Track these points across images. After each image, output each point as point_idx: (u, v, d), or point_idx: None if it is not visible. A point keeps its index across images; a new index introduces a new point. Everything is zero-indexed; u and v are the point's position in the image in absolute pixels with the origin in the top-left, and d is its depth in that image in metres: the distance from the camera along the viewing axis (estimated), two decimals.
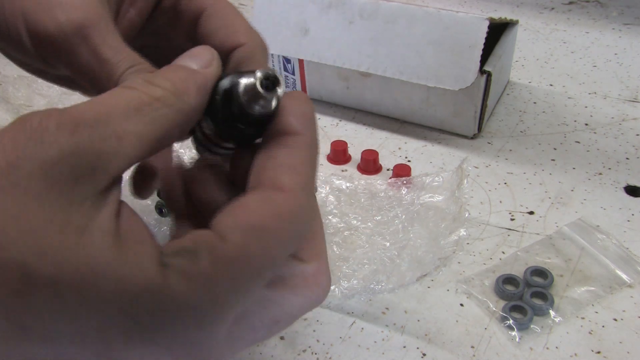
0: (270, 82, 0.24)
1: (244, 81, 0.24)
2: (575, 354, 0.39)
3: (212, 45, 0.29)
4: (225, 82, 0.24)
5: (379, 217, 0.48)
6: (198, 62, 0.24)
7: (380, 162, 0.56)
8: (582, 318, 0.41)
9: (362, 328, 0.41)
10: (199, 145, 0.27)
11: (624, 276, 0.44)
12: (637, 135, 0.59)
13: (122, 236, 0.20)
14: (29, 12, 0.26)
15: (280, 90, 0.24)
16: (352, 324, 0.41)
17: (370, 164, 0.55)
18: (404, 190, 0.51)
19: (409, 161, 0.57)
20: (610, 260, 0.45)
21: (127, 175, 0.56)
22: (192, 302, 0.20)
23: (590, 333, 0.40)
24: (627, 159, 0.56)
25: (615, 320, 0.41)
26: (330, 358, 0.39)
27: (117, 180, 0.21)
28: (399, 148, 0.59)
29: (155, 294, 0.19)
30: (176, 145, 0.41)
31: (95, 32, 0.26)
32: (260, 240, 0.21)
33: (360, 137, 0.61)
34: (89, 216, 0.19)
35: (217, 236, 0.21)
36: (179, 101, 0.22)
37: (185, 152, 0.52)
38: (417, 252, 0.45)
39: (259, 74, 0.23)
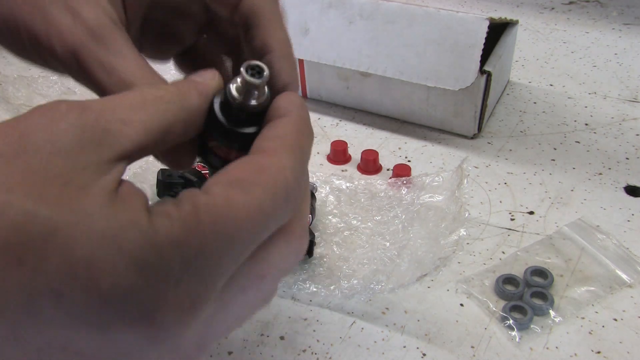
0: (256, 70, 0.25)
1: (233, 83, 0.25)
2: (575, 354, 0.39)
3: (217, 1, 0.30)
4: (222, 91, 0.26)
5: (379, 217, 0.48)
6: (200, 77, 0.26)
7: (380, 162, 0.56)
8: (582, 318, 0.41)
9: (362, 328, 0.41)
10: (211, 168, 0.28)
11: (624, 276, 0.44)
12: (637, 135, 0.59)
13: (119, 195, 0.21)
14: (31, 30, 0.28)
15: (266, 73, 0.25)
16: (352, 324, 0.41)
17: (370, 164, 0.55)
18: (404, 190, 0.51)
19: (409, 161, 0.57)
20: (610, 260, 0.45)
21: (127, 176, 0.56)
22: (177, 240, 0.20)
23: (590, 333, 0.40)
24: (627, 159, 0.56)
25: (615, 320, 0.41)
26: (330, 358, 0.39)
27: (122, 158, 0.22)
28: (399, 148, 0.59)
29: (142, 234, 0.20)
30: None
31: (89, 56, 0.27)
32: (242, 190, 0.22)
33: (360, 137, 0.61)
34: (91, 178, 0.20)
35: (200, 191, 0.22)
36: (181, 100, 0.24)
37: None
38: (417, 252, 0.45)
39: (243, 67, 0.25)
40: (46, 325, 0.20)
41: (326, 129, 0.62)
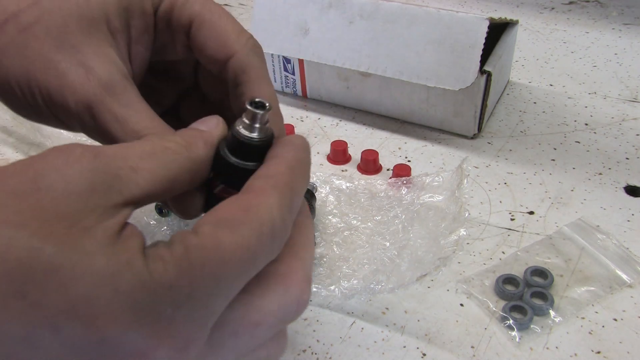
0: (259, 104, 0.27)
1: (239, 120, 0.27)
2: (575, 354, 0.39)
3: (205, 56, 0.31)
4: (226, 137, 0.28)
5: (379, 217, 0.48)
6: (205, 126, 0.28)
7: (380, 162, 0.56)
8: (582, 318, 0.41)
9: (362, 328, 0.41)
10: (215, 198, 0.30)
11: (624, 276, 0.44)
12: (637, 135, 0.59)
13: (119, 237, 0.22)
14: (44, 86, 0.29)
15: (268, 105, 0.27)
16: (352, 324, 0.41)
17: (370, 164, 0.55)
18: (404, 190, 0.51)
19: (409, 161, 0.57)
20: (610, 260, 0.45)
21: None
22: (169, 282, 0.21)
23: (590, 333, 0.40)
24: (627, 159, 0.56)
25: (615, 320, 0.41)
26: (330, 358, 0.39)
27: (129, 203, 0.23)
28: (399, 148, 0.59)
29: (138, 276, 0.21)
30: None
31: (103, 110, 0.28)
32: (230, 230, 0.23)
33: (360, 137, 0.61)
34: (97, 220, 0.21)
35: (191, 231, 0.23)
36: (188, 151, 0.26)
37: None
38: (417, 252, 0.45)
39: (247, 102, 0.27)
40: (43, 357, 0.21)
41: (326, 129, 0.62)
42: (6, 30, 0.29)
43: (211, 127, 0.28)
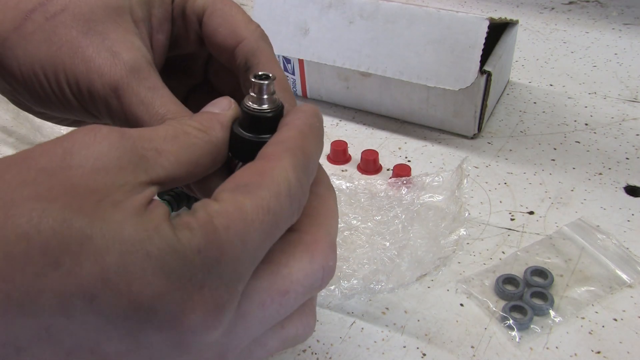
0: (263, 76, 0.27)
1: (247, 95, 0.28)
2: (575, 354, 0.39)
3: (216, 44, 0.33)
4: (239, 116, 0.28)
5: (379, 217, 0.48)
6: (218, 107, 0.28)
7: (380, 162, 0.56)
8: (582, 318, 0.41)
9: (362, 328, 0.41)
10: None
11: (624, 276, 0.44)
12: (637, 135, 0.59)
13: (148, 207, 0.22)
14: (70, 71, 0.30)
15: (272, 75, 0.27)
16: (352, 324, 0.41)
17: (370, 164, 0.55)
18: (404, 190, 0.51)
19: (409, 161, 0.57)
20: (610, 260, 0.45)
21: None
22: (198, 247, 0.22)
23: (590, 333, 0.40)
24: (627, 159, 0.56)
25: (615, 320, 0.41)
26: (330, 358, 0.39)
27: (154, 183, 0.24)
28: (399, 148, 0.59)
29: (167, 241, 0.21)
30: None
31: (128, 92, 0.29)
32: (248, 193, 0.23)
33: (360, 137, 0.61)
34: (125, 196, 0.22)
35: (211, 199, 0.24)
36: (206, 135, 0.26)
37: None
38: (417, 252, 0.45)
39: (252, 75, 0.27)
40: (78, 327, 0.21)
41: (326, 129, 0.62)
42: (33, 18, 0.30)
43: (224, 108, 0.28)
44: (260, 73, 0.28)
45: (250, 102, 0.27)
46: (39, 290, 0.20)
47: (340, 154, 0.57)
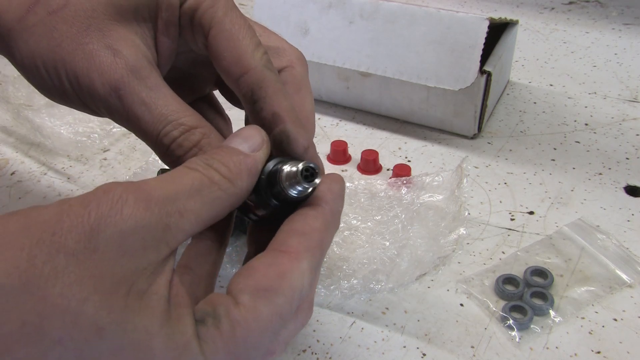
0: (310, 173, 0.27)
1: (287, 169, 0.27)
2: (575, 354, 0.39)
3: (221, 67, 0.31)
4: (270, 165, 0.28)
5: (379, 217, 0.48)
6: (249, 145, 0.28)
7: (380, 162, 0.56)
8: (582, 318, 0.41)
9: (362, 328, 0.41)
10: (239, 210, 0.31)
11: (624, 276, 0.44)
12: (637, 135, 0.59)
13: (171, 301, 0.24)
14: (70, 67, 0.29)
15: (317, 180, 0.27)
16: (352, 324, 0.41)
17: (370, 164, 0.55)
18: (403, 190, 0.51)
19: (409, 161, 0.57)
20: (610, 260, 0.45)
21: (128, 177, 0.55)
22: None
23: (590, 333, 0.40)
24: (627, 159, 0.56)
25: (615, 320, 0.41)
26: (330, 358, 0.39)
27: (174, 251, 0.25)
28: (399, 148, 0.59)
29: (192, 354, 0.23)
30: None
31: (129, 92, 0.29)
32: (267, 299, 0.25)
33: (360, 137, 0.61)
34: (149, 282, 0.23)
35: (232, 299, 0.25)
36: (232, 186, 0.26)
37: None
38: (416, 251, 0.45)
39: (301, 166, 0.27)
40: None
41: (326, 129, 0.62)
42: (36, 11, 0.30)
43: (254, 147, 0.28)
44: (309, 166, 0.27)
45: (284, 179, 0.27)
46: None
47: (340, 154, 0.57)
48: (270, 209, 0.29)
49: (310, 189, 0.28)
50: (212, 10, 0.31)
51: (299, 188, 0.27)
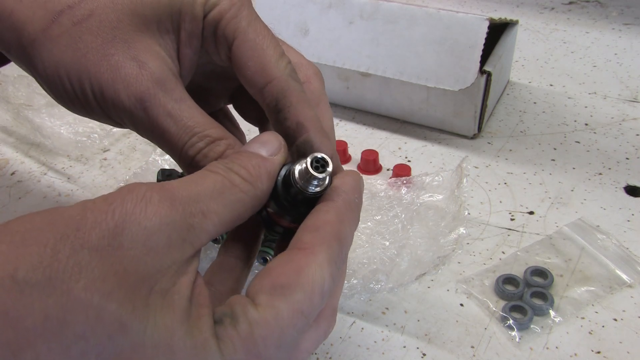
0: (320, 164, 0.27)
1: (298, 167, 0.28)
2: (575, 354, 0.39)
3: (244, 77, 0.31)
4: (283, 171, 0.29)
5: (379, 217, 0.48)
6: (268, 149, 0.29)
7: (380, 162, 0.56)
8: (582, 318, 0.41)
9: (362, 328, 0.41)
10: (264, 223, 0.31)
11: (624, 276, 0.44)
12: (637, 135, 0.59)
13: (193, 301, 0.24)
14: (95, 78, 0.29)
15: (329, 168, 0.27)
16: (352, 324, 0.41)
17: (370, 164, 0.55)
18: (403, 190, 0.51)
19: (409, 161, 0.57)
20: (610, 260, 0.45)
21: (128, 177, 0.55)
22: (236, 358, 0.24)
23: (590, 333, 0.40)
24: (627, 159, 0.56)
25: (615, 320, 0.41)
26: (330, 358, 0.39)
27: (198, 252, 0.25)
28: (399, 148, 0.59)
29: (213, 358, 0.23)
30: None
31: (155, 104, 0.29)
32: (284, 296, 0.25)
33: (360, 137, 0.61)
34: (172, 281, 0.23)
35: (249, 300, 0.25)
36: (253, 188, 0.27)
37: None
38: (416, 251, 0.45)
39: (309, 159, 0.27)
40: None
41: None
42: (60, 21, 0.30)
43: (272, 151, 0.28)
44: (318, 156, 0.27)
45: (298, 177, 0.28)
46: None
47: (340, 154, 0.57)
48: (292, 214, 0.29)
49: (326, 181, 0.28)
50: (235, 20, 0.31)
51: (314, 182, 0.28)
